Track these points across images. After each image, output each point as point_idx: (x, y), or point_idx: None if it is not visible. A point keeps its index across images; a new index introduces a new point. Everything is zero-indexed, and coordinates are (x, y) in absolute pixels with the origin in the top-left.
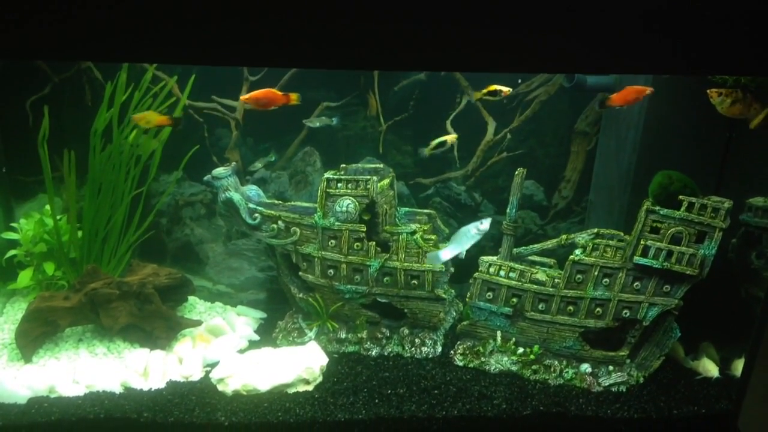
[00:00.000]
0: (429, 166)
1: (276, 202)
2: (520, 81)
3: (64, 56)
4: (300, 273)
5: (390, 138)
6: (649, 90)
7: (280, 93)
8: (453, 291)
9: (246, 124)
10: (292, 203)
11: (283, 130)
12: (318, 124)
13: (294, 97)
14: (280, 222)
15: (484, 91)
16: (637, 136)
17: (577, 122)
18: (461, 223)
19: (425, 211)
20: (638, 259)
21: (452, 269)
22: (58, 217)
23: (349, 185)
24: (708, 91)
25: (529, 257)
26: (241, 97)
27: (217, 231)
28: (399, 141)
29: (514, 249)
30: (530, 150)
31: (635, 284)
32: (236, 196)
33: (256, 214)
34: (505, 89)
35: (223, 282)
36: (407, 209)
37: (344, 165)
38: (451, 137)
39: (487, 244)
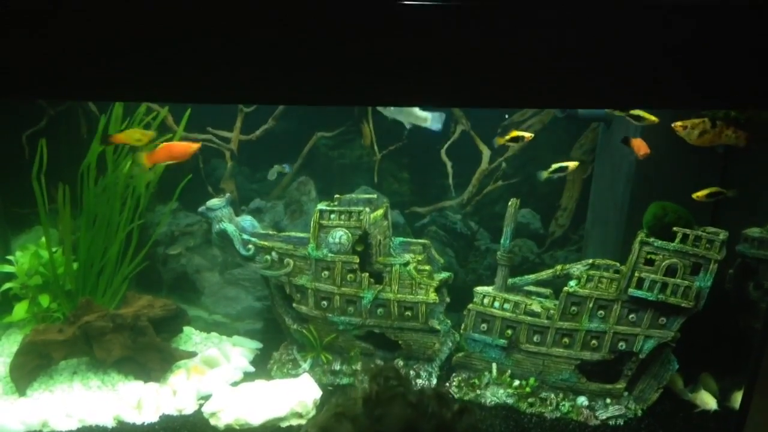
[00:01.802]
0: (425, 195)
1: (270, 232)
2: (507, 116)
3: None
4: (294, 304)
5: (386, 166)
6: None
7: (179, 147)
8: (449, 321)
9: (241, 154)
10: (287, 233)
11: (278, 159)
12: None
13: (196, 147)
14: (273, 253)
15: (507, 137)
16: (631, 165)
17: (572, 150)
18: (457, 252)
19: (420, 240)
20: (633, 291)
21: (448, 299)
22: (53, 250)
23: (342, 217)
24: (672, 125)
25: (525, 287)
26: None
27: (213, 260)
28: (395, 169)
29: (510, 279)
30: (526, 178)
31: (630, 316)
32: (230, 228)
33: (250, 245)
34: (528, 135)
35: (220, 312)
36: (402, 239)
37: (338, 195)
38: (572, 164)
39: (484, 273)
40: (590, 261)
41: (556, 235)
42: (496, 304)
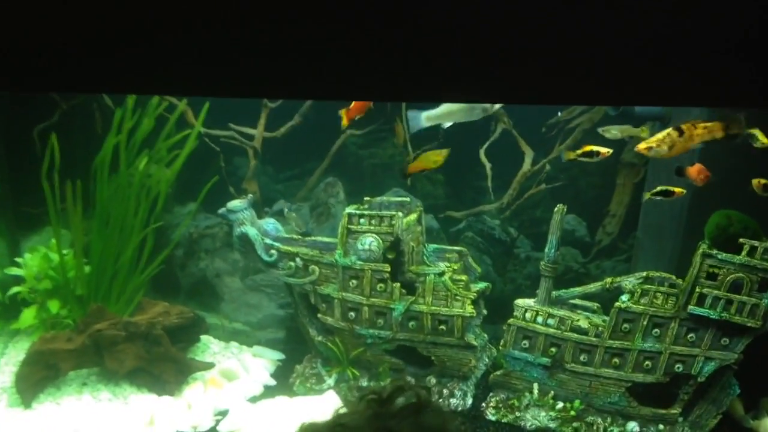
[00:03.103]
0: (461, 198)
1: (295, 237)
2: (559, 113)
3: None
4: (319, 315)
5: None
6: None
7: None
8: (485, 335)
9: (265, 152)
10: (313, 238)
11: (304, 157)
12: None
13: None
14: (297, 259)
15: (579, 151)
16: None
17: (624, 152)
18: (495, 260)
19: (456, 248)
20: (693, 309)
21: (485, 311)
22: (64, 252)
23: (373, 221)
24: (636, 149)
25: (570, 301)
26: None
27: (234, 265)
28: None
29: (554, 292)
30: (572, 181)
31: (689, 336)
32: (252, 231)
33: (273, 251)
34: (604, 150)
35: (240, 320)
36: (436, 246)
37: (368, 198)
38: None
39: (524, 283)
40: (644, 274)
41: (603, 243)
42: (539, 319)
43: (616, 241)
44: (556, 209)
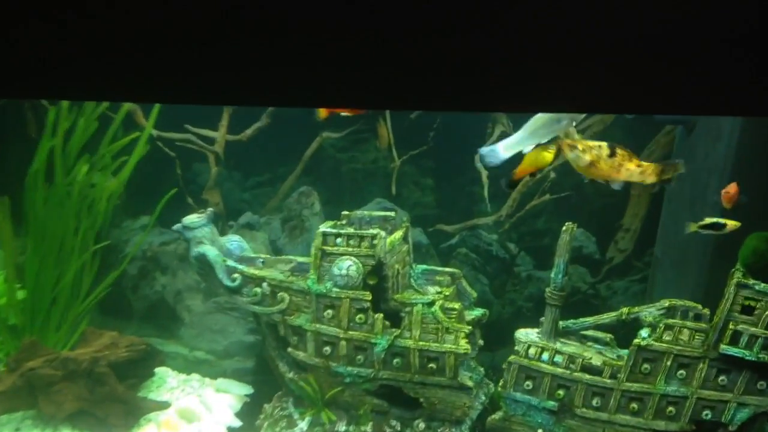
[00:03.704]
0: (453, 208)
1: (263, 256)
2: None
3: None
4: (289, 349)
5: (407, 170)
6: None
7: None
8: (482, 369)
9: (230, 157)
10: (283, 258)
11: (275, 162)
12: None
13: None
14: (264, 285)
15: (701, 223)
16: (723, 183)
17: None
18: (492, 279)
19: (448, 270)
20: (726, 349)
21: (481, 341)
22: None
23: (351, 242)
24: (558, 141)
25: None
26: None
27: (194, 286)
28: (417, 174)
29: (561, 322)
30: (579, 190)
31: (720, 378)
32: (211, 252)
33: (236, 275)
34: (731, 223)
35: (203, 347)
36: (425, 267)
37: (346, 212)
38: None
39: (525, 305)
40: (665, 303)
41: (615, 261)
42: (545, 356)
43: (630, 259)
44: (564, 228)
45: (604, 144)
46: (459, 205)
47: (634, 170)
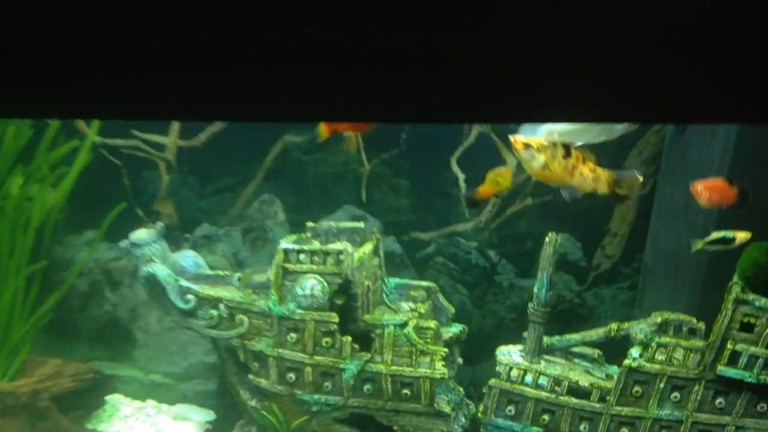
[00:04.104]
0: (429, 215)
1: (221, 273)
2: None
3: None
4: (250, 376)
5: (380, 171)
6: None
7: None
8: (461, 389)
9: (183, 163)
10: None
11: (235, 166)
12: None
13: None
14: (222, 306)
15: (708, 239)
16: None
17: (628, 158)
18: (471, 289)
19: (423, 283)
20: (724, 370)
21: (460, 360)
22: None
23: (315, 258)
24: (511, 137)
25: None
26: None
27: (150, 303)
28: (391, 175)
29: (546, 338)
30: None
31: (718, 401)
32: (161, 272)
33: (190, 295)
34: (741, 235)
35: (159, 370)
36: (398, 281)
37: (311, 223)
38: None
39: (507, 316)
40: (657, 319)
41: (602, 268)
42: (528, 378)
43: (617, 266)
44: (547, 239)
45: (560, 143)
46: (435, 209)
47: (587, 175)
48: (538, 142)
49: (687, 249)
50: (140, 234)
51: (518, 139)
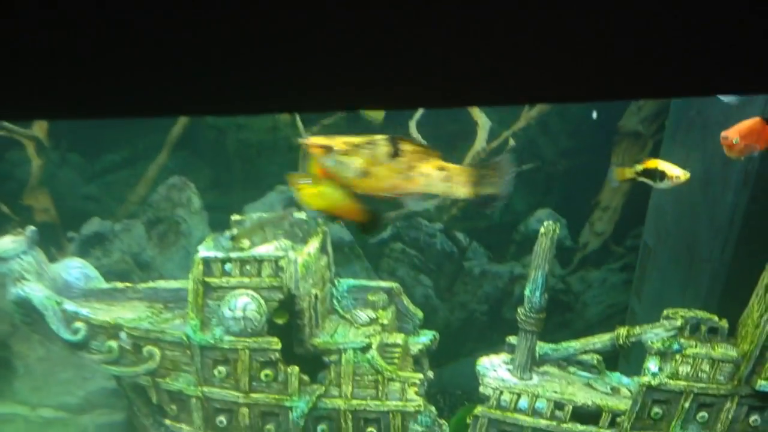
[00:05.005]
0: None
1: (120, 285)
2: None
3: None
4: (167, 421)
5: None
6: None
7: None
8: (433, 409)
9: (60, 139)
10: (152, 285)
11: (132, 135)
12: None
13: None
14: (123, 335)
15: (639, 167)
16: (749, 160)
17: (623, 117)
18: (437, 280)
19: (383, 284)
20: (763, 385)
21: (431, 372)
22: None
23: (247, 268)
24: (301, 141)
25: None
26: None
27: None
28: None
29: (539, 347)
30: (544, 161)
31: (752, 418)
32: (37, 294)
33: (79, 323)
34: (680, 174)
35: (50, 403)
36: (352, 282)
37: (236, 216)
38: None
39: (479, 308)
40: (677, 320)
41: (590, 247)
42: (524, 403)
43: (608, 244)
44: (542, 230)
45: (380, 137)
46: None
47: (434, 175)
48: (342, 141)
49: (706, 229)
50: (3, 244)
51: (312, 142)
